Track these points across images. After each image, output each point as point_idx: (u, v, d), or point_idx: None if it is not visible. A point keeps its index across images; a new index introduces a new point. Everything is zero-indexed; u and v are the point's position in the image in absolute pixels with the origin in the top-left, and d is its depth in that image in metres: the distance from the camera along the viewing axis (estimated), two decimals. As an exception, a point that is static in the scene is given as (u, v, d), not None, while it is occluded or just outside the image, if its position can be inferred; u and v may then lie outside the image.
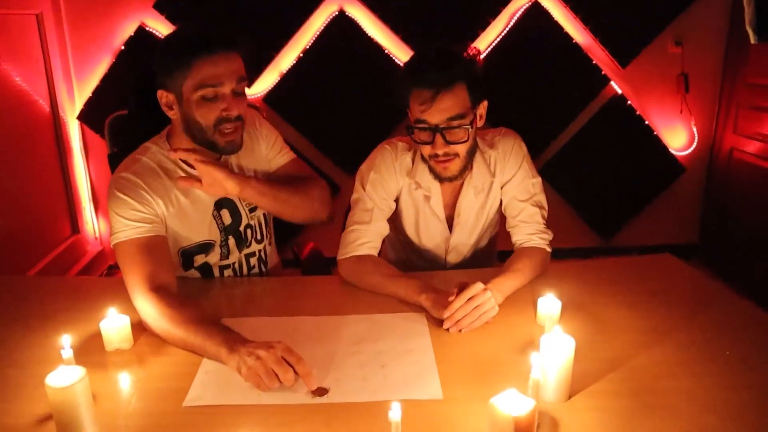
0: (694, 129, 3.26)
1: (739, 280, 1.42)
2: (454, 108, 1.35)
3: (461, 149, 1.41)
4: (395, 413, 0.84)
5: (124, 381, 1.11)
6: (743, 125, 3.06)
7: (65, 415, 0.84)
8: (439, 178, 1.48)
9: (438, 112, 1.35)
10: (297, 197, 1.52)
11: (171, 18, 2.93)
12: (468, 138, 1.39)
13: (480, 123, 1.45)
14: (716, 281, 1.48)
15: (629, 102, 3.19)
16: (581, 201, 3.34)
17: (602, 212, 3.40)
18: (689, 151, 3.30)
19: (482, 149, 1.54)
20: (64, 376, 0.86)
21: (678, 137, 3.30)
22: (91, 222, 3.29)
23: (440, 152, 1.40)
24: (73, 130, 3.12)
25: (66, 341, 0.98)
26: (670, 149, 3.29)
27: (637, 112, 3.20)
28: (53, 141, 3.05)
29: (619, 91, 3.18)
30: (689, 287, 1.49)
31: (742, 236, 3.11)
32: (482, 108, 1.44)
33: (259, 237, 1.60)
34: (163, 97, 1.37)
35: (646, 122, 3.22)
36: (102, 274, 3.31)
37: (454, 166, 1.44)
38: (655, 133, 3.25)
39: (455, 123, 1.36)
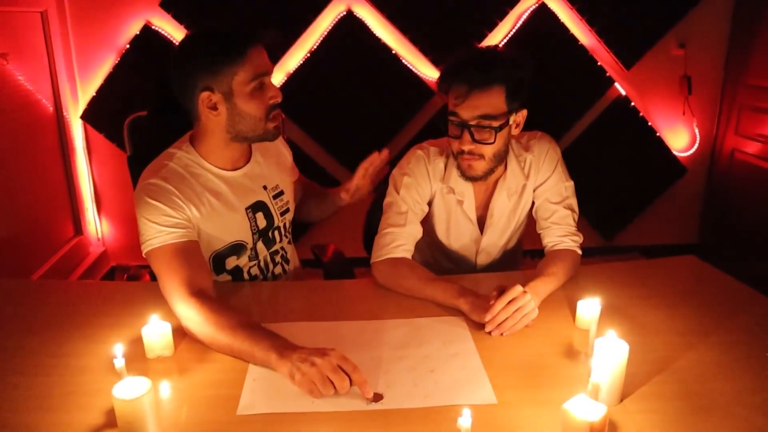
0: (696, 130, 3.31)
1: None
2: (485, 108, 1.36)
3: (487, 151, 1.42)
4: (465, 420, 0.84)
5: (171, 389, 1.10)
6: (744, 126, 3.11)
7: (132, 427, 0.83)
8: (465, 176, 1.49)
9: (469, 109, 1.37)
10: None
11: (177, 17, 2.90)
12: (494, 140, 1.40)
13: (516, 131, 1.46)
14: (741, 283, 1.50)
15: (633, 103, 3.22)
16: (584, 201, 3.32)
17: (605, 212, 3.44)
18: (691, 152, 3.35)
19: (517, 152, 1.55)
20: (129, 388, 0.84)
21: (680, 138, 3.34)
22: (93, 223, 3.24)
23: (466, 149, 1.41)
24: (77, 129, 3.08)
25: (118, 350, 0.96)
26: (672, 150, 3.33)
27: (641, 113, 3.24)
28: (56, 141, 3.00)
29: (623, 93, 3.21)
30: (718, 289, 1.51)
31: (743, 237, 3.16)
32: (520, 116, 1.44)
33: (282, 237, 1.61)
34: (208, 98, 1.35)
35: (649, 123, 3.27)
36: (108, 274, 3.27)
37: (479, 167, 1.45)
38: (657, 134, 3.29)
39: (485, 122, 1.37)
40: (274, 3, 2.92)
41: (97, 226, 3.26)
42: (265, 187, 1.53)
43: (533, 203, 1.60)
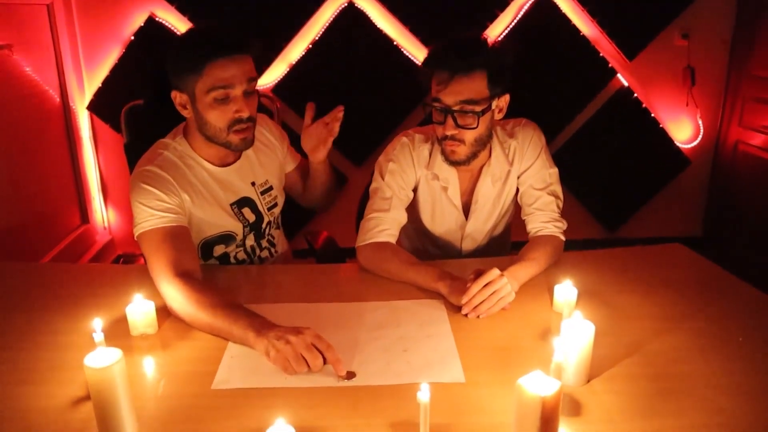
0: (700, 122, 3.28)
1: (742, 272, 1.45)
2: (468, 93, 1.38)
3: (468, 136, 1.44)
4: (424, 394, 0.86)
5: (152, 365, 1.14)
6: (749, 118, 3.08)
7: (103, 395, 0.87)
8: (448, 161, 1.51)
9: (452, 94, 1.39)
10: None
11: (181, 9, 2.93)
12: (477, 125, 1.42)
13: (499, 116, 1.48)
14: (726, 271, 1.50)
15: (635, 95, 3.20)
16: (587, 193, 3.37)
17: (607, 204, 3.43)
18: (695, 143, 3.33)
19: (501, 139, 1.57)
20: (101, 358, 0.88)
21: (683, 130, 3.32)
22: (100, 212, 3.31)
23: (449, 134, 1.43)
24: (83, 120, 3.13)
25: (97, 325, 1.00)
26: (675, 142, 3.31)
27: (643, 105, 3.22)
28: (63, 131, 3.06)
29: (626, 84, 3.20)
30: (700, 276, 1.51)
31: (747, 229, 3.14)
32: (502, 101, 1.46)
33: (272, 228, 1.65)
34: (177, 97, 1.40)
35: (652, 115, 3.25)
36: (114, 263, 3.33)
37: (461, 151, 1.47)
38: (660, 125, 3.27)
39: (468, 107, 1.39)
40: (275, -6, 2.95)
41: (103, 214, 3.33)
42: (253, 183, 1.57)
43: (518, 190, 1.61)
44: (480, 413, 0.98)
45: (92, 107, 3.11)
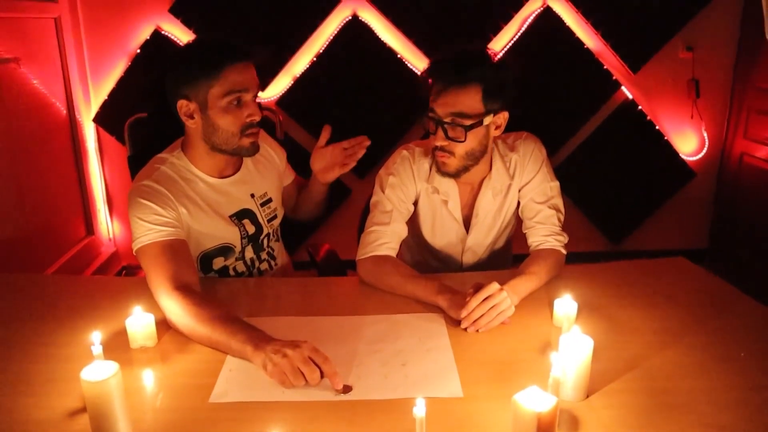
0: (705, 134, 3.27)
1: (748, 285, 1.44)
2: (460, 106, 1.39)
3: (459, 149, 1.44)
4: (420, 409, 0.86)
5: (151, 377, 1.14)
6: (754, 130, 3.07)
7: (99, 408, 0.87)
8: (439, 172, 1.51)
9: (444, 106, 1.40)
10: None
11: (186, 22, 2.96)
12: (465, 139, 1.42)
13: (496, 133, 1.48)
14: (729, 285, 1.49)
15: (640, 107, 3.20)
16: (591, 205, 3.36)
17: (612, 216, 3.42)
18: (699, 156, 3.32)
19: (502, 152, 1.57)
20: (98, 371, 0.88)
21: (688, 142, 3.31)
22: (105, 224, 3.32)
23: (438, 144, 1.44)
24: (89, 132, 3.16)
25: (96, 338, 1.00)
26: (680, 154, 3.30)
27: (648, 117, 3.22)
28: (69, 143, 3.09)
29: (630, 96, 3.19)
30: (703, 290, 1.50)
31: (752, 241, 3.12)
32: (500, 118, 1.46)
33: (271, 239, 1.66)
34: (184, 106, 1.41)
35: (657, 127, 3.24)
36: (118, 275, 3.34)
37: (451, 163, 1.47)
38: (665, 138, 3.26)
39: (458, 120, 1.40)
40: (280, 8, 2.97)
41: (108, 226, 3.34)
42: (252, 195, 1.58)
43: (519, 203, 1.61)
44: (477, 428, 0.97)
45: (98, 119, 3.14)
